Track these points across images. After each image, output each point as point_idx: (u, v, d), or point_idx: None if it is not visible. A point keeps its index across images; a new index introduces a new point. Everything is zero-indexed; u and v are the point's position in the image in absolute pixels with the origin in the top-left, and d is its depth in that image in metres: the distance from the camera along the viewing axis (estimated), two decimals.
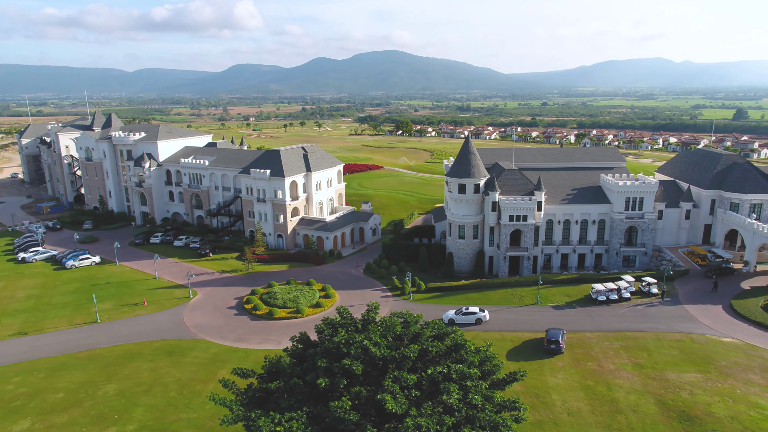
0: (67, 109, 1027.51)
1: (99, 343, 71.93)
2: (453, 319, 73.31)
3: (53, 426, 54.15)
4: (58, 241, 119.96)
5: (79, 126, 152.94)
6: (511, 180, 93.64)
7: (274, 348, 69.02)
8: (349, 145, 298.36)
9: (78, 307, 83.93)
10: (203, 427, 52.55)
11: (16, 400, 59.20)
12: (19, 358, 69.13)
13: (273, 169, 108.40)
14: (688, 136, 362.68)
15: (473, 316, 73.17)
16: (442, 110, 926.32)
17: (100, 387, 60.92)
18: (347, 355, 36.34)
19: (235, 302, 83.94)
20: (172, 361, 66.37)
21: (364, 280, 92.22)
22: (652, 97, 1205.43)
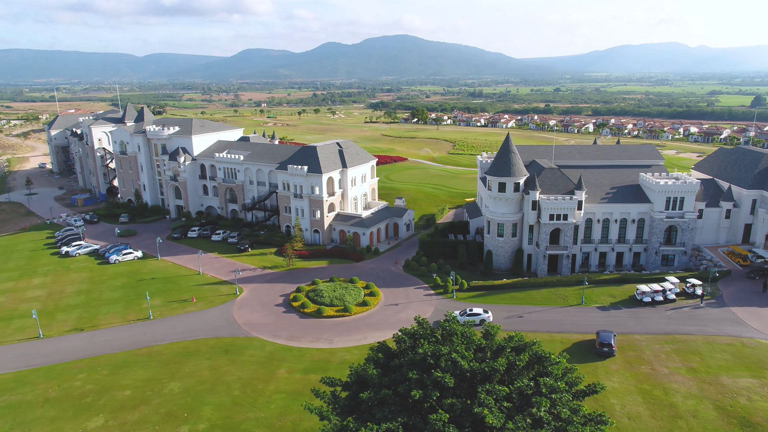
0: (80, 95, 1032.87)
1: (155, 340, 73.97)
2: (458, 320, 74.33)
3: (126, 423, 56.30)
4: (97, 235, 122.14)
5: (110, 119, 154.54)
6: (551, 179, 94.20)
7: (327, 347, 70.87)
8: (368, 135, 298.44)
9: (128, 303, 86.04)
10: (273, 426, 54.41)
11: (86, 397, 61.44)
12: (80, 354, 71.36)
13: (310, 166, 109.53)
14: (709, 125, 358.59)
15: (478, 317, 74.56)
16: (454, 96, 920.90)
17: (164, 385, 62.99)
18: (435, 367, 37.66)
19: (282, 299, 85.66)
20: (230, 359, 68.28)
21: (405, 278, 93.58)
22: (667, 83, 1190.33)
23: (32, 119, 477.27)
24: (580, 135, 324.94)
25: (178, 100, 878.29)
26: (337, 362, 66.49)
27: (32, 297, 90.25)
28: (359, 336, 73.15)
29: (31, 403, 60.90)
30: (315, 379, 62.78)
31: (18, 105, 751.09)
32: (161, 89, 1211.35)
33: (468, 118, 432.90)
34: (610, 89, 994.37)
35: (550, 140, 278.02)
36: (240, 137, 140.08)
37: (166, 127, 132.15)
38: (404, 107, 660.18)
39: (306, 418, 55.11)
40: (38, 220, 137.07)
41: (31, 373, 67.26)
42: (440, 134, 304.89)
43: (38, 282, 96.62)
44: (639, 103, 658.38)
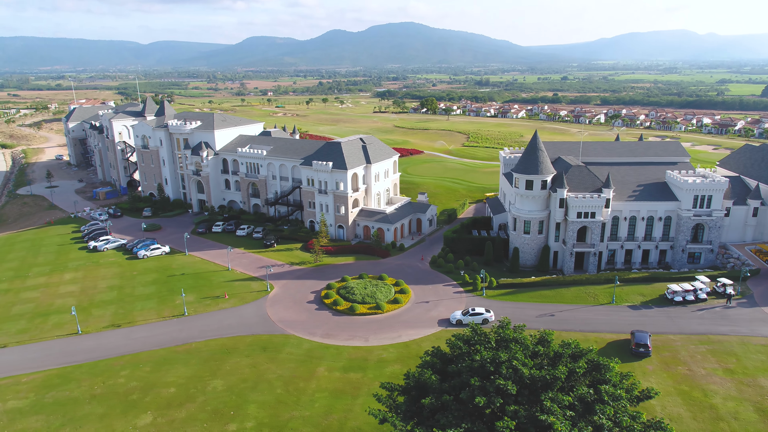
0: (86, 83, 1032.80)
1: (193, 337, 75.24)
2: (461, 319, 75.54)
3: (174, 421, 57.65)
4: (122, 229, 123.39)
5: (130, 112, 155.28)
6: (578, 176, 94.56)
7: (363, 345, 71.94)
8: (380, 126, 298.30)
9: (162, 299, 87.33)
10: (319, 425, 55.60)
11: (132, 394, 62.82)
12: (120, 351, 72.71)
13: (335, 162, 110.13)
14: (721, 116, 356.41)
15: (480, 317, 75.44)
16: (461, 84, 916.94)
17: (207, 382, 64.28)
18: (495, 373, 38.62)
19: (313, 296, 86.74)
20: (269, 356, 69.48)
21: (432, 274, 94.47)
22: (676, 71, 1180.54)
23: (41, 108, 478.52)
24: (592, 126, 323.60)
25: (184, 89, 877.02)
26: (374, 361, 67.59)
27: (66, 292, 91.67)
28: (394, 334, 74.20)
29: (78, 399, 62.33)
30: (355, 378, 64.08)
31: (25, 93, 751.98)
32: (166, 77, 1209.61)
33: (478, 108, 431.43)
34: (618, 78, 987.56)
35: (563, 131, 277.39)
36: (261, 131, 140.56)
37: (188, 121, 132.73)
38: (411, 96, 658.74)
39: (352, 417, 56.32)
40: (62, 213, 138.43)
41: (74, 370, 68.69)
42: (451, 125, 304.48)
43: (70, 277, 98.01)
44: (648, 92, 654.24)
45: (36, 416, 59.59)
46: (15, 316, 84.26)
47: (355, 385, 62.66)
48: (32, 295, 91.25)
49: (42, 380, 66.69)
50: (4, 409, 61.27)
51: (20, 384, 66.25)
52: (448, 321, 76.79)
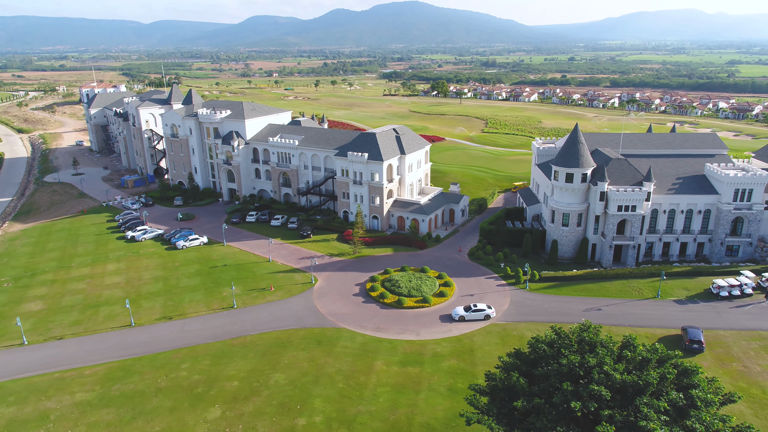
0: (89, 63, 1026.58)
1: (246, 330, 76.64)
2: (463, 315, 76.58)
3: (243, 415, 59.22)
4: (156, 218, 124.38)
5: (156, 100, 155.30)
6: (618, 169, 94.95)
7: (415, 339, 73.24)
8: (395, 111, 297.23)
9: (208, 291, 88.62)
10: (387, 420, 57.10)
11: (196, 387, 64.37)
12: (176, 343, 74.17)
13: (370, 153, 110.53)
14: (736, 99, 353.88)
15: (482, 313, 76.52)
16: (467, 65, 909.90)
17: (269, 376, 65.76)
18: (584, 377, 39.75)
19: (358, 289, 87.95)
20: (325, 350, 70.87)
21: (473, 267, 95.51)
22: (684, 52, 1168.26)
23: (50, 90, 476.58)
24: (607, 110, 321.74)
25: (188, 69, 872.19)
26: (430, 355, 68.95)
27: (111, 284, 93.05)
28: (444, 328, 75.48)
29: (144, 392, 63.91)
30: (413, 372, 65.46)
31: (29, 74, 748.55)
32: (169, 57, 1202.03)
33: (489, 91, 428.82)
34: (626, 58, 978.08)
35: (579, 116, 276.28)
36: (290, 121, 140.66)
37: (218, 110, 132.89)
38: (418, 78, 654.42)
39: (418, 413, 57.79)
40: (93, 202, 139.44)
41: (135, 362, 70.22)
42: (465, 109, 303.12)
43: (113, 268, 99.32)
44: (657, 74, 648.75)
45: (106, 409, 61.23)
46: (66, 307, 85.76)
47: (415, 379, 64.08)
48: (79, 286, 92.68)
49: (105, 373, 68.26)
50: (73, 402, 62.91)
51: (84, 376, 67.86)
52: (450, 317, 77.89)
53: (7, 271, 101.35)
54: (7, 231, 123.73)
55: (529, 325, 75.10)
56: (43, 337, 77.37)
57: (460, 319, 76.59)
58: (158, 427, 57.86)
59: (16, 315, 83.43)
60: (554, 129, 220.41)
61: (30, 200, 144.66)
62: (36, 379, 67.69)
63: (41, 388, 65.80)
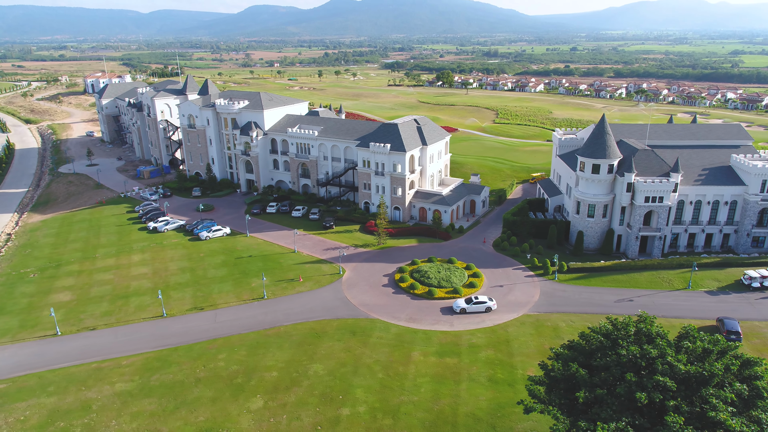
0: (88, 53, 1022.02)
1: (278, 321, 76.82)
2: (464, 308, 76.74)
3: (286, 405, 59.49)
4: (175, 209, 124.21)
5: (171, 90, 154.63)
6: (645, 160, 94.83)
7: (449, 329, 73.43)
8: (403, 101, 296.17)
9: (237, 282, 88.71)
10: (431, 410, 57.36)
11: (235, 378, 64.61)
12: (210, 334, 74.33)
13: (393, 144, 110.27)
14: (743, 89, 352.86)
15: (483, 305, 76.70)
16: (468, 55, 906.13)
17: (307, 366, 65.97)
18: (647, 368, 39.91)
19: (387, 279, 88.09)
20: (360, 341, 71.09)
21: (499, 258, 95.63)
22: (686, 42, 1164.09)
23: (52, 81, 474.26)
24: (615, 101, 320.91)
25: (188, 60, 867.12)
26: (466, 346, 69.18)
27: (138, 274, 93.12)
28: (477, 319, 75.68)
29: (184, 382, 64.14)
30: (451, 363, 65.70)
31: (29, 65, 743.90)
32: (169, 47, 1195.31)
33: (495, 81, 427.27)
34: (628, 48, 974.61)
35: (587, 107, 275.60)
36: (309, 112, 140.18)
37: (235, 100, 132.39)
38: (421, 68, 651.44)
39: (462, 403, 58.07)
40: (110, 193, 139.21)
41: (171, 353, 70.41)
42: (472, 100, 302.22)
43: (138, 259, 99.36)
44: (661, 64, 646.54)
45: (147, 399, 61.49)
46: (95, 298, 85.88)
47: (454, 370, 64.33)
48: (106, 277, 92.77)
49: (142, 363, 68.48)
50: (113, 392, 63.17)
51: (121, 366, 68.09)
52: (451, 309, 78.16)
53: (32, 261, 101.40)
54: (26, 222, 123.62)
55: (561, 316, 75.36)
56: (75, 328, 77.55)
57: (461, 312, 76.86)
58: (202, 417, 58.16)
59: (46, 305, 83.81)
60: (566, 120, 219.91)
61: (46, 191, 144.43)
62: (74, 369, 67.91)
63: (80, 378, 66.04)
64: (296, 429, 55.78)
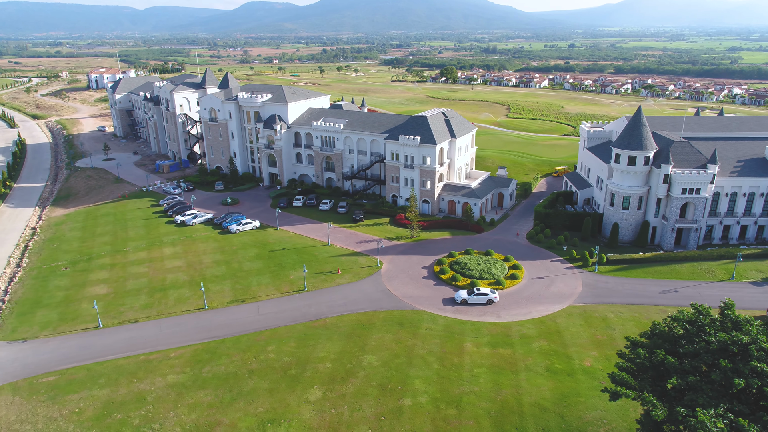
0: (84, 50, 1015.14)
1: (323, 313, 76.29)
2: (465, 299, 76.63)
3: (345, 396, 59.01)
4: (198, 203, 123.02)
5: (189, 84, 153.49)
6: (681, 152, 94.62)
7: (497, 321, 73.15)
8: (412, 96, 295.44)
9: (275, 275, 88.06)
10: (494, 400, 57.02)
11: (289, 369, 64.07)
12: (255, 326, 73.74)
13: (423, 136, 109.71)
14: (747, 85, 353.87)
15: (485, 297, 76.59)
16: (467, 52, 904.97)
17: (360, 357, 65.48)
18: (739, 355, 39.66)
19: (426, 271, 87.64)
20: (410, 332, 70.64)
21: (535, 250, 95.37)
22: (683, 38, 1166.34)
23: (52, 77, 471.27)
24: (622, 96, 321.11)
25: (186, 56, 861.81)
26: (517, 337, 68.85)
27: (173, 267, 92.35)
28: (523, 310, 75.41)
29: (237, 374, 63.57)
30: (506, 354, 65.38)
31: (26, 61, 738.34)
32: (165, 44, 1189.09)
33: (498, 77, 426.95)
34: (626, 45, 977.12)
35: (595, 102, 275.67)
36: (331, 105, 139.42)
37: (257, 94, 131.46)
38: (421, 64, 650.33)
39: (525, 393, 57.75)
40: (131, 187, 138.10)
41: (218, 344, 69.82)
42: (480, 95, 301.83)
43: (170, 252, 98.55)
44: (660, 60, 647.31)
45: (202, 390, 60.90)
46: (132, 291, 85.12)
47: (509, 360, 64.01)
48: (140, 270, 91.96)
49: (191, 355, 67.87)
50: (166, 384, 62.56)
51: (170, 358, 67.47)
52: (453, 300, 78.09)
53: (61, 255, 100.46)
54: (49, 216, 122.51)
55: (608, 307, 75.15)
56: (117, 321, 76.84)
57: (462, 303, 76.74)
58: (261, 408, 57.63)
59: (83, 298, 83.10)
60: (579, 114, 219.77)
61: (66, 185, 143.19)
62: (122, 362, 67.27)
63: (130, 370, 65.41)
64: (359, 419, 55.36)
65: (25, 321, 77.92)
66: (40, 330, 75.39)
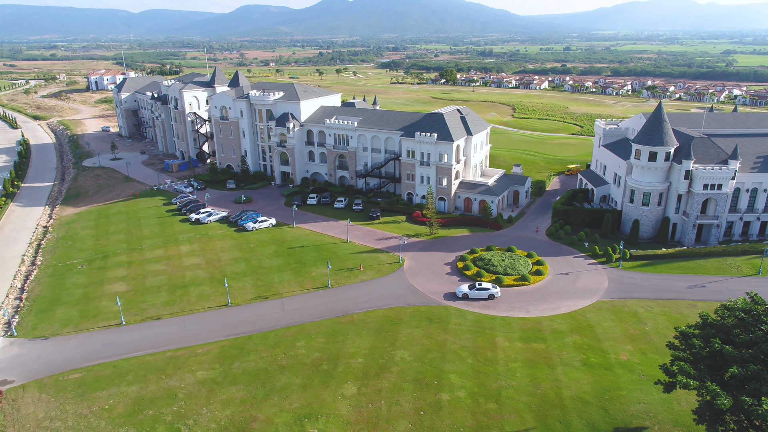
0: (79, 52, 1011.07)
1: (349, 309, 75.40)
2: (467, 293, 76.22)
3: (381, 390, 58.14)
4: (211, 201, 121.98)
5: (198, 83, 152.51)
6: (701, 148, 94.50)
7: (527, 316, 72.52)
8: (415, 97, 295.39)
9: (296, 272, 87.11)
10: (534, 394, 56.29)
11: (321, 365, 63.14)
12: (281, 322, 72.68)
13: (439, 133, 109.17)
14: (746, 87, 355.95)
15: (486, 292, 76.18)
16: (463, 55, 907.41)
17: (392, 353, 64.62)
18: None
19: (449, 268, 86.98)
20: (439, 327, 69.89)
21: (556, 246, 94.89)
22: (677, 41, 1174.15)
23: (50, 79, 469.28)
24: (622, 97, 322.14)
25: (182, 59, 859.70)
26: (549, 332, 68.19)
27: (192, 265, 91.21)
28: (552, 305, 74.84)
29: (267, 370, 62.58)
30: (539, 348, 64.71)
31: (21, 64, 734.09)
32: (160, 47, 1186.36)
33: (498, 79, 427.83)
34: (621, 48, 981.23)
35: (599, 103, 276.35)
36: (344, 103, 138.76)
37: (269, 92, 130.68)
38: (418, 67, 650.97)
39: (564, 387, 57.06)
40: (140, 186, 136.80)
41: (246, 341, 68.79)
42: (483, 96, 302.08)
43: (187, 249, 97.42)
44: (656, 63, 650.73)
45: (234, 386, 59.87)
46: (152, 288, 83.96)
47: (543, 355, 63.33)
48: (158, 267, 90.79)
49: (219, 351, 66.83)
50: (196, 380, 61.49)
51: (198, 355, 66.41)
52: (454, 294, 77.68)
53: (76, 253, 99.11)
54: (60, 215, 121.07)
55: (637, 303, 74.67)
56: (139, 317, 75.68)
57: (463, 297, 76.24)
58: (296, 403, 56.68)
59: (102, 296, 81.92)
60: (584, 114, 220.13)
61: (74, 184, 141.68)
62: (148, 358, 66.13)
63: (157, 366, 64.31)
64: (397, 414, 54.52)
65: (45, 318, 76.63)
66: (61, 327, 74.11)
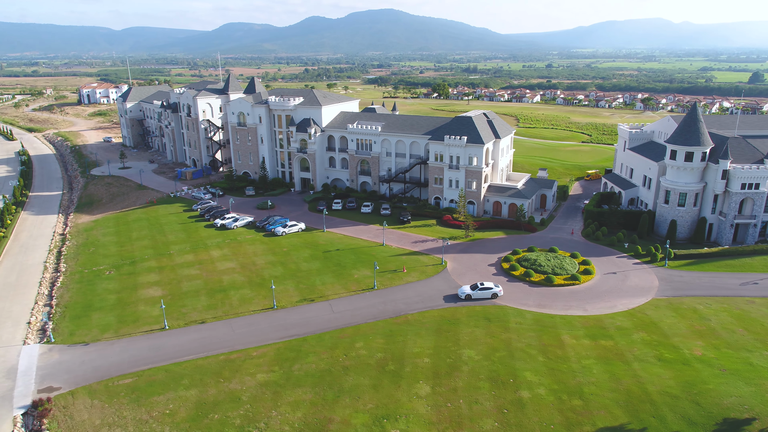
0: (62, 69, 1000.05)
1: (401, 310, 73.37)
2: (470, 294, 75.45)
3: (457, 390, 56.01)
4: (233, 208, 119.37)
5: (212, 90, 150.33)
6: (737, 148, 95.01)
7: (585, 314, 71.24)
8: (415, 109, 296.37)
9: (337, 275, 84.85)
10: (618, 390, 54.60)
11: (386, 365, 60.82)
12: (335, 324, 70.41)
13: (469, 136, 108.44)
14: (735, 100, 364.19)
15: (489, 291, 75.47)
16: (448, 71, 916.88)
17: (458, 352, 62.60)
18: None
19: (493, 268, 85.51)
20: (499, 326, 68.10)
21: (596, 247, 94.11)
22: (655, 59, 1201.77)
23: (37, 93, 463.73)
24: (616, 109, 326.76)
25: (167, 75, 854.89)
26: (613, 329, 66.86)
27: (227, 269, 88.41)
28: (608, 303, 73.67)
29: (330, 371, 60.11)
30: (608, 345, 63.26)
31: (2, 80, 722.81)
32: (144, 64, 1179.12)
33: (491, 93, 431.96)
34: (601, 65, 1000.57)
35: (596, 114, 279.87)
36: (365, 108, 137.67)
37: (290, 97, 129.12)
38: (405, 83, 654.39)
39: (647, 382, 55.49)
40: (155, 193, 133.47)
41: (301, 342, 66.30)
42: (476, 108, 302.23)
43: (219, 254, 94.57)
44: (638, 79, 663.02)
45: (300, 388, 57.28)
46: (190, 292, 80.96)
47: (615, 351, 61.86)
48: (192, 272, 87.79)
49: (274, 353, 64.19)
50: (257, 383, 58.76)
51: (253, 357, 63.70)
52: (456, 296, 76.67)
53: (101, 259, 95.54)
54: (75, 222, 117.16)
55: (694, 300, 73.88)
56: (182, 322, 72.66)
57: (466, 298, 75.13)
58: (370, 404, 54.28)
59: (137, 301, 78.82)
60: (589, 124, 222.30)
61: (86, 193, 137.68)
62: (201, 362, 63.21)
63: (213, 370, 61.43)
64: (480, 413, 52.43)
65: (81, 324, 73.17)
66: (100, 333, 70.74)
